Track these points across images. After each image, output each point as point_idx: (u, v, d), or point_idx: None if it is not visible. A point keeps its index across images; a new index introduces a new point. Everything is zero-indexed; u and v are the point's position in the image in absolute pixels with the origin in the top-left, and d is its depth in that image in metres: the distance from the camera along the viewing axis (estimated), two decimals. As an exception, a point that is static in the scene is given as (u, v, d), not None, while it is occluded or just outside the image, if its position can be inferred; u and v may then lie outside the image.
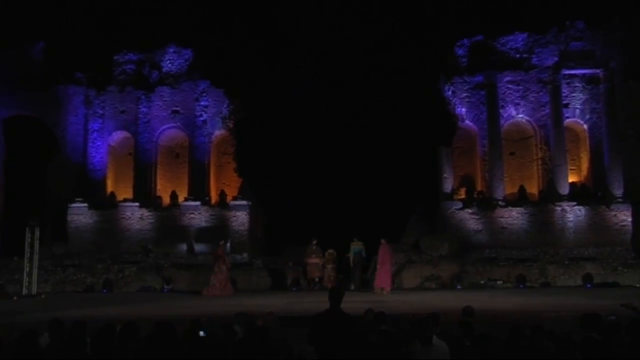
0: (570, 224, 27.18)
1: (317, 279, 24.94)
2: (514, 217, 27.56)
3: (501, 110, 28.75)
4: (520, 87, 28.82)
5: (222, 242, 24.49)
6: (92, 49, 30.26)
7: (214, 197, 29.72)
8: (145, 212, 28.75)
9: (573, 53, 28.45)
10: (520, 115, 29.02)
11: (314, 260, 25.21)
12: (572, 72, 28.52)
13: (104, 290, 25.12)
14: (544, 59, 28.61)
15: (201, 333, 8.33)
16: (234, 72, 30.39)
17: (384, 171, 30.26)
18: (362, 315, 10.01)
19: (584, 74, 28.60)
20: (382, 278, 22.08)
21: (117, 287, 25.77)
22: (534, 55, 28.81)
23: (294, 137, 30.51)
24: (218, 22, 33.28)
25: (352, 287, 24.01)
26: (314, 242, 25.35)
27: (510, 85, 28.82)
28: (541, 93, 28.63)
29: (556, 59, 28.46)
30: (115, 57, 30.35)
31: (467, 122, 29.23)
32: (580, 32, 28.65)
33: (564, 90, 28.51)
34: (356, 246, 24.79)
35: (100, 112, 30.05)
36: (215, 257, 23.53)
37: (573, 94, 28.76)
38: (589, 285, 24.07)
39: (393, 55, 31.74)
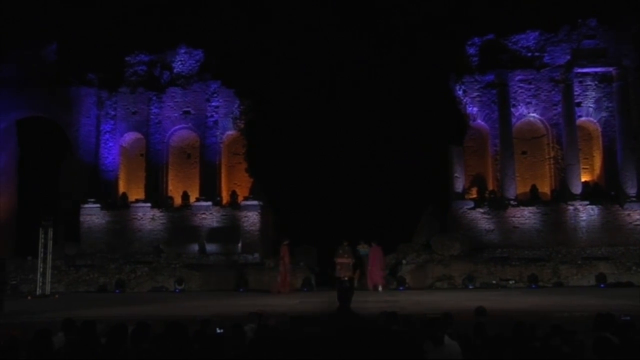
0: (583, 224, 27.00)
1: (345, 278, 24.98)
2: (525, 216, 27.42)
3: (513, 109, 28.62)
4: (532, 86, 28.67)
5: (286, 242, 24.59)
6: (103, 50, 30.42)
7: (225, 197, 29.78)
8: (156, 213, 28.87)
9: (585, 51, 28.26)
10: (532, 114, 28.87)
11: (344, 260, 25.32)
12: (585, 70, 28.34)
13: (117, 291, 25.28)
14: (556, 58, 28.44)
15: (218, 330, 8.42)
16: (245, 72, 30.42)
17: (395, 170, 30.19)
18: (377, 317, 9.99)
19: (596, 72, 28.40)
20: (374, 277, 24.41)
21: (129, 287, 25.90)
22: (545, 54, 28.64)
23: (305, 136, 30.50)
24: (229, 23, 33.35)
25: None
26: (346, 243, 25.38)
27: (521, 84, 28.69)
28: (553, 92, 28.46)
29: (568, 57, 28.28)
30: (126, 58, 30.51)
31: (478, 121, 29.13)
32: (593, 30, 28.44)
33: (576, 89, 28.33)
34: (362, 249, 25.33)
35: (112, 113, 30.24)
36: (279, 257, 24.45)
37: (585, 93, 28.56)
38: (602, 285, 23.93)
39: (404, 54, 31.67)
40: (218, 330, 8.61)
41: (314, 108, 30.62)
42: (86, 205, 28.88)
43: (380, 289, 24.46)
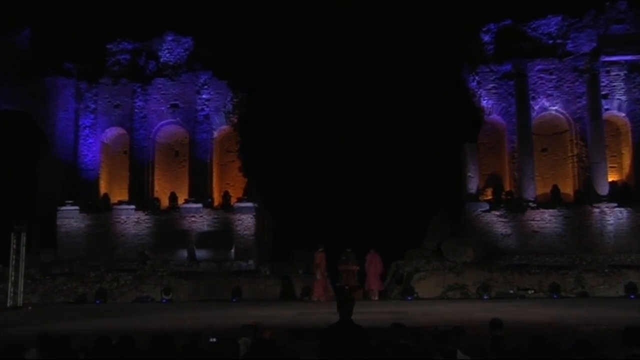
0: (610, 228, 26.96)
1: (349, 288, 25.25)
2: (546, 219, 27.39)
3: (532, 102, 28.58)
4: (554, 77, 28.62)
5: (321, 249, 25.34)
6: (83, 37, 30.42)
7: (216, 198, 29.78)
8: (141, 216, 28.86)
9: (613, 37, 28.18)
10: (554, 108, 28.82)
11: (349, 267, 25.69)
12: (613, 58, 28.28)
13: (97, 301, 25.23)
14: (581, 45, 28.41)
15: (212, 339, 8.44)
16: (239, 62, 30.43)
17: (402, 169, 30.20)
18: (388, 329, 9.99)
19: (625, 61, 28.35)
20: (370, 284, 25.50)
21: (111, 297, 25.84)
22: (569, 41, 28.60)
23: (304, 132, 30.51)
24: (220, 7, 33.37)
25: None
26: (349, 250, 25.87)
27: (542, 75, 28.63)
28: (577, 83, 28.44)
29: (594, 44, 28.24)
30: (108, 46, 30.49)
31: (494, 115, 29.11)
32: (622, 13, 28.39)
33: (603, 80, 28.29)
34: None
35: (93, 106, 30.24)
36: (314, 264, 25.20)
37: (613, 84, 28.52)
38: (632, 296, 23.82)
39: (412, 43, 31.65)
40: (211, 339, 8.63)
41: (314, 101, 30.63)
42: (64, 208, 28.85)
43: (375, 297, 25.18)
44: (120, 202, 29.37)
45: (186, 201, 29.17)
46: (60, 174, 29.60)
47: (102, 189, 30.19)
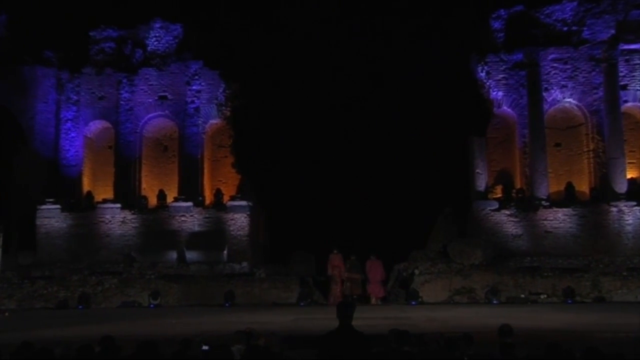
0: (629, 228, 26.96)
1: (356, 297, 25.48)
2: (560, 219, 27.38)
3: (545, 94, 28.56)
4: (568, 66, 28.59)
5: (335, 252, 26.10)
6: (64, 23, 30.32)
7: (208, 196, 29.78)
8: (128, 215, 28.84)
9: (633, 24, 28.12)
10: (568, 100, 28.81)
11: (354, 276, 26.07)
12: (632, 46, 28.25)
13: (80, 307, 25.19)
14: (598, 32, 28.37)
15: (204, 347, 8.45)
16: (232, 51, 30.37)
17: (406, 166, 30.17)
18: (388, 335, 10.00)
19: (646, 49, 28.38)
20: (371, 288, 26.08)
21: (95, 302, 25.81)
22: (585, 28, 28.57)
23: (302, 126, 30.48)
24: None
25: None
26: (352, 257, 26.29)
27: (555, 64, 28.59)
28: (593, 73, 28.40)
29: (612, 31, 28.21)
30: (91, 34, 30.40)
31: (504, 108, 29.09)
32: (643, -3, 28.42)
33: (621, 69, 28.27)
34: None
35: (75, 98, 30.16)
36: (333, 266, 25.94)
37: (633, 74, 28.49)
38: (651, 301, 23.86)
39: (416, 30, 31.60)
40: (204, 347, 8.64)
41: (312, 93, 30.57)
42: (44, 207, 28.82)
43: (374, 301, 25.83)
44: (104, 201, 29.33)
45: (175, 199, 29.15)
46: (40, 170, 29.57)
47: (85, 187, 30.14)
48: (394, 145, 31.06)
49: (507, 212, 27.73)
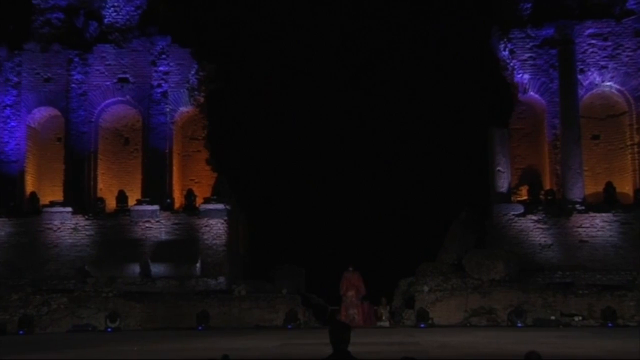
0: (680, 237, 27.08)
1: (355, 316, 25.56)
2: (597, 226, 27.41)
3: (580, 77, 28.57)
4: (609, 43, 28.61)
5: (351, 268, 26.21)
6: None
7: (178, 199, 29.76)
8: (81, 221, 28.72)
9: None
10: (608, 83, 28.86)
11: (352, 293, 25.87)
12: (687, 20, 28.41)
13: (21, 332, 25.02)
14: (645, 2, 28.54)
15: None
16: (205, 25, 30.33)
17: (413, 163, 30.25)
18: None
19: (703, 23, 28.51)
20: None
21: (39, 326, 25.67)
22: (629, -3, 28.73)
23: (289, 116, 30.51)
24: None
25: None
26: (351, 268, 26.25)
27: (593, 41, 28.63)
28: (639, 51, 28.43)
29: (663, 1, 28.39)
30: (35, 2, 30.24)
31: (530, 93, 29.10)
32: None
33: (673, 47, 28.40)
34: None
35: (15, 79, 30.02)
36: (348, 286, 25.99)
37: (688, 52, 28.63)
38: None
39: (428, 2, 31.63)
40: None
41: (301, 75, 30.57)
42: (-22, 211, 28.69)
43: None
44: (52, 204, 29.16)
45: (139, 202, 29.09)
46: (-27, 167, 29.48)
47: (29, 187, 30.01)
48: (400, 137, 31.09)
49: (534, 217, 27.74)
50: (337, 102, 30.85)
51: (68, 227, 28.66)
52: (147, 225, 28.63)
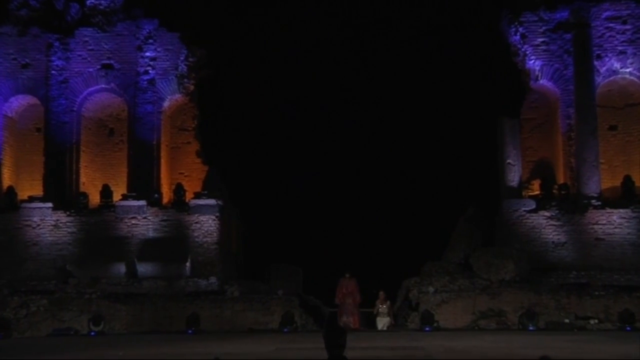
0: None
1: (351, 325, 25.74)
2: (615, 223, 27.41)
3: (597, 63, 28.57)
4: (629, 27, 28.61)
5: (347, 275, 26.32)
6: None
7: (166, 194, 29.79)
8: (62, 217, 28.72)
9: None
10: (628, 70, 28.87)
11: (350, 301, 26.12)
12: None
13: (-2, 336, 25.10)
14: (669, -19, 28.56)
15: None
16: (196, 7, 30.31)
17: (417, 156, 30.26)
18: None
19: None
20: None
21: (17, 330, 25.59)
22: (652, -25, 28.73)
23: (285, 105, 30.52)
24: None
25: None
26: (347, 275, 26.31)
27: (611, 24, 28.63)
28: (662, 35, 28.53)
29: (689, -21, 28.41)
30: (11, -19, 30.35)
31: (543, 81, 29.11)
32: None
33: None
34: None
35: (-11, 65, 30.06)
36: (344, 294, 26.21)
37: None
38: None
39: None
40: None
41: (298, 63, 30.55)
42: (-49, 207, 28.75)
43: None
44: (31, 199, 29.19)
45: (124, 197, 29.09)
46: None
47: (6, 181, 30.02)
48: (403, 129, 31.08)
49: (547, 213, 27.78)
50: (339, 92, 30.88)
51: (48, 224, 28.67)
52: (133, 222, 28.66)
